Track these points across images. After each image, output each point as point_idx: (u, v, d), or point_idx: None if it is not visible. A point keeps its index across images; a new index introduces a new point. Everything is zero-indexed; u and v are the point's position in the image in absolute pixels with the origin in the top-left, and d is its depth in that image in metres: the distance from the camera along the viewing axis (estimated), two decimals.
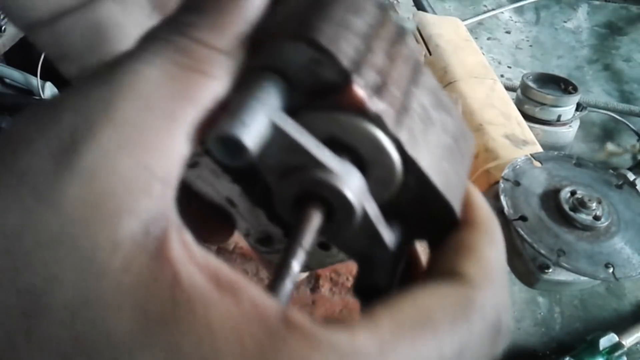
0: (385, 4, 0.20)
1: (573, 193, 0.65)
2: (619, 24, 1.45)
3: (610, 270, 0.58)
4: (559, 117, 0.90)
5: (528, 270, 0.63)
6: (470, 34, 1.05)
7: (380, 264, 0.21)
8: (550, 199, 0.65)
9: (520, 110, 0.87)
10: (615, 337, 0.65)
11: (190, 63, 0.16)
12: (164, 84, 0.15)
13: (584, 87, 1.17)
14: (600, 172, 0.71)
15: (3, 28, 1.70)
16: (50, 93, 2.06)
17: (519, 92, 0.93)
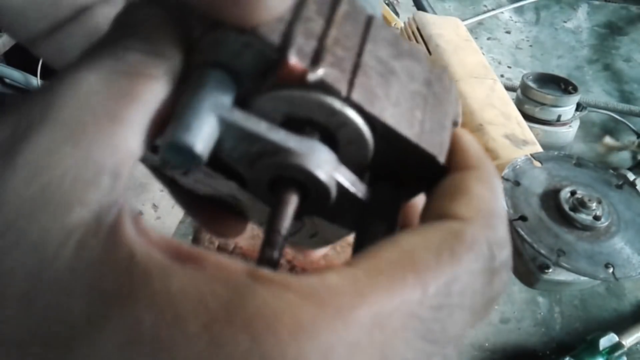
0: None
1: (573, 193, 0.65)
2: (619, 24, 1.45)
3: (610, 270, 0.58)
4: (559, 117, 0.90)
5: (528, 270, 0.63)
6: (470, 34, 1.05)
7: (374, 230, 0.20)
8: (550, 199, 0.65)
9: (520, 110, 0.86)
10: (615, 337, 0.64)
11: (127, 67, 0.16)
12: (104, 87, 0.16)
13: (584, 87, 1.17)
14: (600, 172, 0.71)
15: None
16: None
17: (519, 92, 0.93)
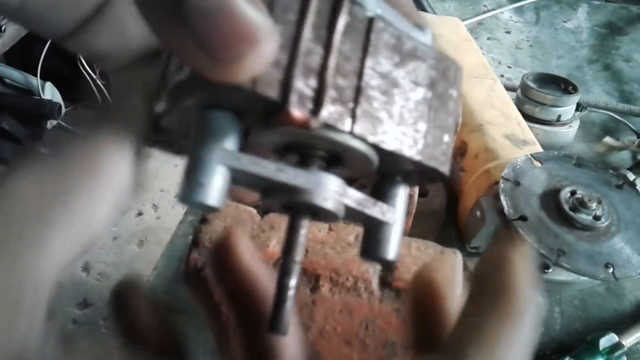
0: None
1: (573, 193, 0.65)
2: (619, 24, 1.45)
3: (610, 270, 0.58)
4: (559, 117, 0.90)
5: None
6: (470, 34, 1.05)
7: (380, 228, 0.22)
8: (550, 199, 0.65)
9: (520, 110, 0.86)
10: (615, 337, 0.64)
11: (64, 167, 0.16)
12: (33, 191, 0.15)
13: (584, 87, 1.17)
14: (600, 172, 0.71)
15: (3, 28, 1.70)
16: (50, 93, 2.07)
17: (519, 92, 0.93)
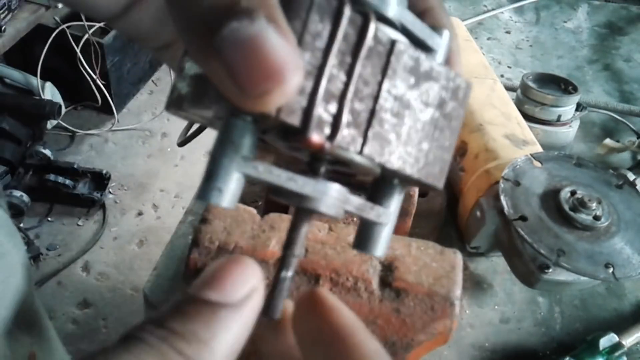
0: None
1: (573, 193, 0.65)
2: (619, 24, 1.45)
3: (610, 270, 0.58)
4: (559, 117, 0.90)
5: (528, 270, 0.63)
6: (470, 34, 1.05)
7: (374, 227, 0.24)
8: (550, 199, 0.65)
9: (520, 110, 0.86)
10: (615, 337, 0.64)
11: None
12: None
13: (584, 87, 1.17)
14: (600, 172, 0.71)
15: (3, 28, 1.69)
16: (50, 93, 2.07)
17: (519, 92, 0.93)
